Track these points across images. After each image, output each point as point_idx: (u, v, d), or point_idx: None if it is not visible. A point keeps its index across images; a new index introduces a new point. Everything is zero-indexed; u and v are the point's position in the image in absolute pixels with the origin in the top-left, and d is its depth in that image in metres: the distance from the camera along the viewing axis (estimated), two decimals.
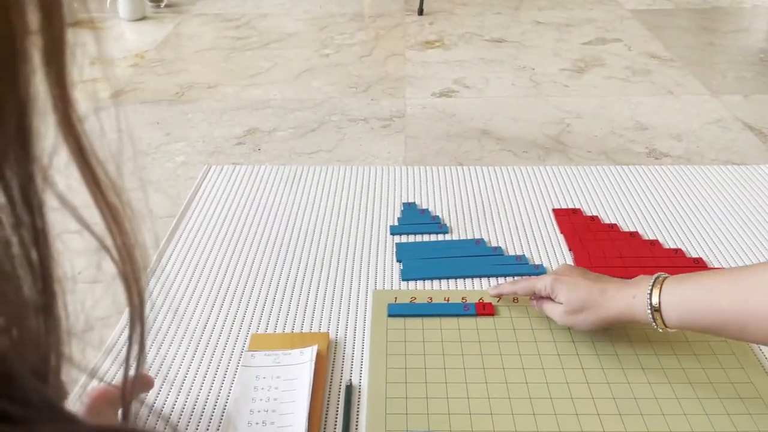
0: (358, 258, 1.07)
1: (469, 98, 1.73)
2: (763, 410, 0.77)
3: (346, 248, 1.09)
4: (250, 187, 1.28)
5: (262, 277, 1.02)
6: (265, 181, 1.30)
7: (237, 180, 1.30)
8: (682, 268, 1.01)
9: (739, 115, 1.59)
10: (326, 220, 1.17)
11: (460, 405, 0.78)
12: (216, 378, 0.83)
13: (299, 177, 1.31)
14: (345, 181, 1.30)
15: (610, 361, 0.84)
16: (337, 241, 1.11)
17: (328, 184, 1.29)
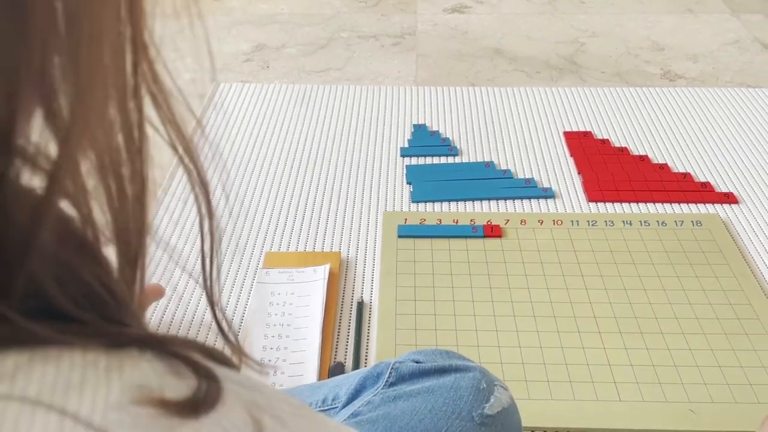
0: (368, 179, 1.08)
1: (482, 14, 1.69)
2: (760, 330, 0.80)
3: (357, 169, 1.10)
4: (260, 106, 1.28)
5: (275, 196, 1.04)
6: (275, 100, 1.29)
7: (247, 98, 1.30)
8: (690, 192, 1.02)
9: (758, 36, 1.54)
10: (337, 140, 1.17)
11: (466, 322, 0.82)
12: (232, 294, 0.86)
13: (309, 96, 1.30)
14: (355, 102, 1.29)
15: (613, 281, 0.87)
16: (348, 162, 1.12)
17: (338, 105, 1.28)
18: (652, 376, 0.75)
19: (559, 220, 0.97)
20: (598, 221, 0.97)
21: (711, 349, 0.78)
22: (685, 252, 0.91)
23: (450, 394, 0.48)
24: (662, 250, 0.92)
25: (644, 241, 0.93)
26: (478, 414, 0.48)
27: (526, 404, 0.69)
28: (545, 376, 0.75)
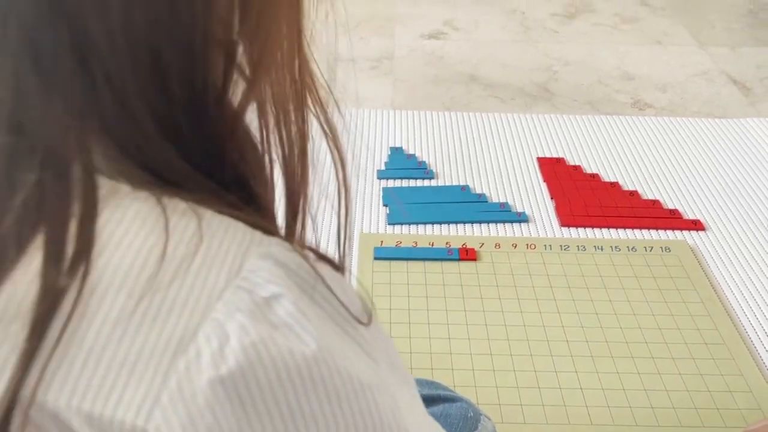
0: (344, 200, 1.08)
1: (458, 41, 1.72)
2: (726, 355, 0.82)
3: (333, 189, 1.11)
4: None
5: None
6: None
7: None
8: (659, 219, 1.05)
9: (724, 68, 1.60)
10: (312, 161, 1.18)
11: (441, 345, 0.82)
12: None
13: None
14: (333, 124, 1.30)
15: (585, 305, 0.88)
16: (324, 183, 1.12)
17: (314, 126, 1.29)
18: (622, 400, 0.76)
19: (533, 244, 0.99)
20: (571, 246, 0.98)
21: (679, 373, 0.79)
22: (654, 277, 0.93)
23: (440, 422, 0.49)
24: (632, 275, 0.93)
25: (615, 266, 0.95)
26: None
27: (499, 428, 0.69)
28: (518, 399, 0.76)
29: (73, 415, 0.24)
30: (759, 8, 1.97)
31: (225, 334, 0.24)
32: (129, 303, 0.24)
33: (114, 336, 0.24)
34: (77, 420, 0.24)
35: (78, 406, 0.24)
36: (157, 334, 0.24)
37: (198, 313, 0.25)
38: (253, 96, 0.30)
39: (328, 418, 0.26)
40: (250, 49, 0.29)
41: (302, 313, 0.26)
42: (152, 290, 0.25)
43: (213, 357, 0.24)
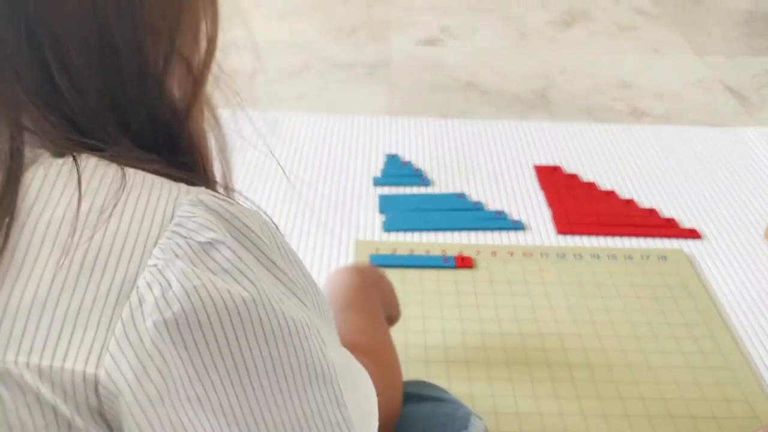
0: (341, 207, 1.08)
1: (454, 48, 1.72)
2: (722, 364, 0.81)
3: (329, 197, 1.10)
4: (232, 132, 1.27)
5: None
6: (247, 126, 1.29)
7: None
8: (656, 227, 1.05)
9: (721, 77, 1.60)
10: (309, 168, 1.18)
11: (437, 352, 0.82)
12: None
13: (282, 123, 1.31)
14: (328, 130, 1.30)
15: (581, 314, 0.88)
16: (320, 190, 1.12)
17: (311, 132, 1.29)
18: (619, 408, 0.75)
19: (529, 252, 0.98)
20: (567, 254, 0.98)
21: (676, 382, 0.79)
22: (651, 286, 0.93)
23: (428, 422, 0.49)
24: (629, 283, 0.93)
25: (611, 274, 0.95)
26: None
27: None
28: (515, 407, 0.75)
29: (23, 370, 0.25)
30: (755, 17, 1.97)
31: (166, 280, 0.26)
32: (62, 257, 0.26)
33: (53, 291, 0.26)
34: (28, 375, 0.25)
35: (26, 362, 0.25)
36: (95, 285, 0.26)
37: (135, 261, 0.27)
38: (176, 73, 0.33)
39: (265, 355, 0.28)
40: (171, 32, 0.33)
41: (239, 258, 0.28)
42: (79, 242, 0.26)
43: (157, 302, 0.26)
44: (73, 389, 0.25)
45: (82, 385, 0.25)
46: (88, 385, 0.25)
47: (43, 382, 0.25)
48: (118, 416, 0.26)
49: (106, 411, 0.26)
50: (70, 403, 0.25)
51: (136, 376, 0.26)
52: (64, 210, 0.27)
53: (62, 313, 0.26)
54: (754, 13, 2.04)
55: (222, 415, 0.27)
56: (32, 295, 0.26)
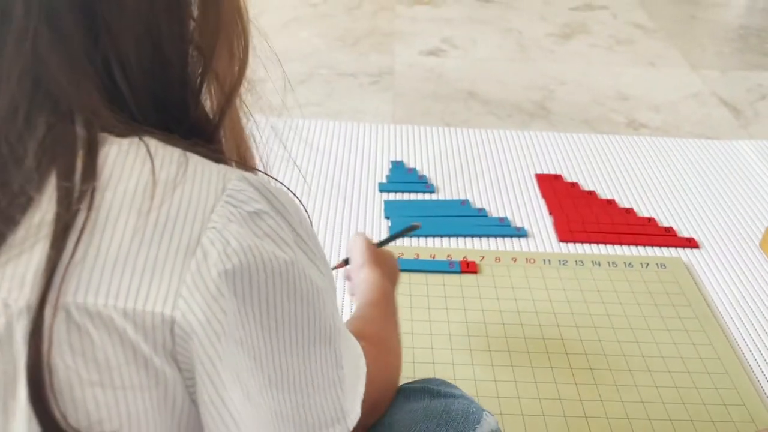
0: (347, 212, 1.10)
1: (456, 58, 1.75)
2: (720, 370, 0.84)
3: (336, 202, 1.13)
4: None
5: None
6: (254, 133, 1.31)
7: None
8: (654, 236, 1.07)
9: (716, 91, 1.64)
10: (316, 173, 1.20)
11: (443, 355, 0.84)
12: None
13: (288, 130, 1.33)
14: (334, 136, 1.32)
15: (583, 319, 0.90)
16: (327, 196, 1.14)
17: (317, 139, 1.31)
18: (620, 412, 0.78)
19: (532, 258, 1.01)
20: (569, 261, 1.01)
21: (675, 386, 0.81)
22: (651, 293, 0.95)
23: (443, 417, 0.51)
24: (629, 290, 0.96)
25: (612, 281, 0.97)
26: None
27: None
28: (519, 409, 0.77)
29: (112, 312, 0.29)
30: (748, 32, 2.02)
31: (225, 239, 0.31)
32: (140, 219, 0.30)
33: (133, 247, 0.30)
34: (116, 316, 0.29)
35: (114, 305, 0.29)
36: (167, 242, 0.30)
37: (198, 224, 0.31)
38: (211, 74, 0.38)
39: (292, 311, 0.34)
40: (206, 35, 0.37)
41: (280, 227, 0.33)
42: (156, 206, 0.31)
43: (219, 256, 0.31)
44: (153, 329, 0.29)
45: (160, 325, 0.29)
46: (165, 325, 0.30)
47: (128, 322, 0.29)
48: (189, 356, 0.30)
49: (178, 352, 0.30)
50: (149, 343, 0.29)
51: (205, 316, 0.30)
52: (138, 180, 0.31)
53: (141, 265, 0.30)
54: (747, 28, 2.08)
55: (253, 358, 0.32)
56: (117, 249, 0.30)
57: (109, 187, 0.31)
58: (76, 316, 0.29)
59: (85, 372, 0.29)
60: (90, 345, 0.29)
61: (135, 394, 0.30)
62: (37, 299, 0.28)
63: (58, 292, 0.28)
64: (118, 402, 0.29)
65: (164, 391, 0.30)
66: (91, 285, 0.29)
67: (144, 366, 0.30)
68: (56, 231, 0.29)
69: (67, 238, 0.29)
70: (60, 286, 0.28)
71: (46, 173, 0.31)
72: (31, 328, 0.28)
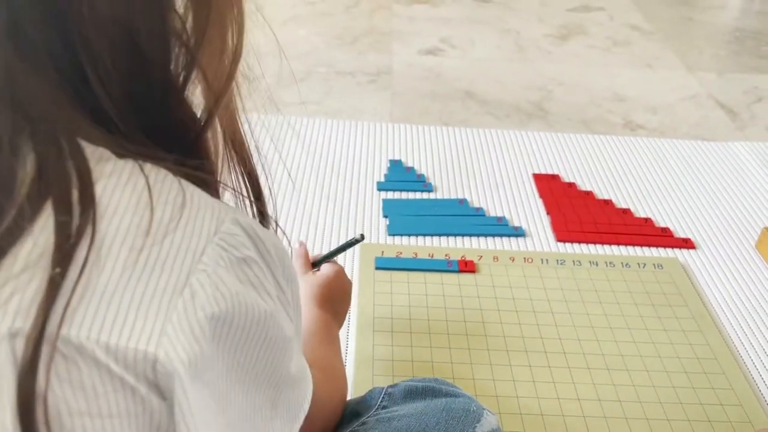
0: (345, 210, 1.10)
1: (454, 58, 1.75)
2: (717, 370, 0.84)
3: (334, 200, 1.12)
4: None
5: None
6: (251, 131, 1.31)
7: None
8: (651, 237, 1.08)
9: (712, 93, 1.65)
10: (314, 171, 1.20)
11: (442, 354, 0.84)
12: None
13: (287, 128, 1.33)
14: (332, 135, 1.32)
15: (581, 319, 0.91)
16: (325, 194, 1.14)
17: (315, 137, 1.31)
18: (618, 411, 0.78)
19: (530, 258, 1.01)
20: (566, 260, 1.01)
21: (673, 386, 0.82)
22: (648, 293, 0.96)
23: (443, 415, 0.51)
24: (626, 290, 0.96)
25: (609, 281, 0.97)
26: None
27: None
28: (518, 408, 0.77)
29: (95, 346, 0.29)
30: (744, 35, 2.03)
31: (214, 283, 0.31)
32: (131, 255, 0.30)
33: (122, 282, 0.30)
34: (99, 350, 0.29)
35: (97, 339, 0.29)
36: (156, 280, 0.30)
37: (188, 264, 0.31)
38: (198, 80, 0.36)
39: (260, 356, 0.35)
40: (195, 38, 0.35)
41: (264, 277, 0.34)
42: (148, 245, 0.31)
43: (208, 299, 0.31)
44: (135, 364, 0.29)
45: (142, 361, 0.29)
46: (147, 362, 0.29)
47: (109, 357, 0.29)
48: (171, 390, 0.30)
49: (160, 385, 0.30)
50: (132, 374, 0.29)
51: (188, 356, 0.30)
52: (133, 216, 0.31)
53: (128, 301, 0.29)
54: (742, 30, 2.09)
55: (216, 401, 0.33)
56: (105, 284, 0.29)
57: (104, 218, 0.30)
58: (62, 346, 0.28)
59: (73, 400, 0.28)
60: (77, 374, 0.29)
61: (122, 422, 0.29)
62: (28, 329, 0.28)
63: (43, 323, 0.28)
64: (105, 430, 0.29)
65: (150, 417, 0.30)
66: (77, 317, 0.29)
67: (131, 394, 0.29)
68: (55, 264, 0.29)
69: (66, 272, 0.29)
70: (51, 317, 0.28)
71: (40, 204, 0.30)
72: (22, 356, 0.27)
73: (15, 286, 0.28)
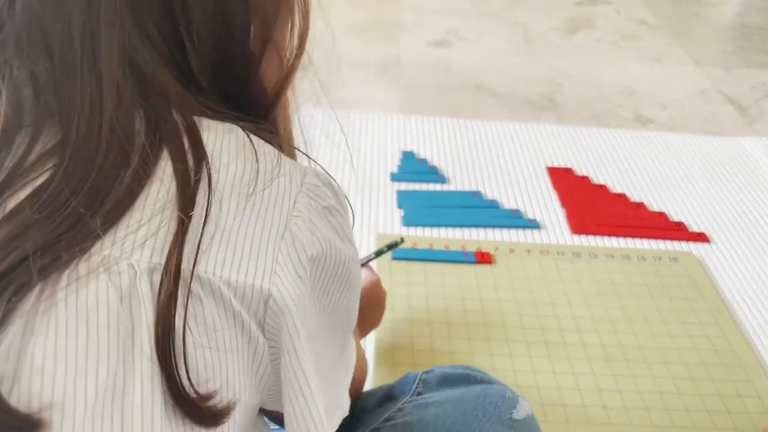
0: (360, 201, 1.10)
1: (462, 50, 1.75)
2: (735, 362, 0.85)
3: (347, 190, 1.12)
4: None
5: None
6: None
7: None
8: (666, 230, 1.08)
9: (720, 88, 1.65)
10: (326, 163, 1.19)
11: (461, 344, 0.84)
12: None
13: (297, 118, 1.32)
14: (345, 126, 1.31)
15: (598, 310, 0.91)
16: (339, 183, 1.13)
17: (326, 128, 1.30)
18: (638, 401, 0.78)
19: (546, 250, 1.01)
20: (582, 253, 1.01)
21: (692, 378, 0.82)
22: (664, 286, 0.96)
23: (479, 401, 0.51)
24: (642, 283, 0.96)
25: (626, 274, 0.98)
26: (507, 418, 0.50)
27: None
28: (539, 398, 0.77)
29: (220, 282, 0.31)
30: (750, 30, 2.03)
31: (309, 228, 0.34)
32: (241, 200, 0.33)
33: (235, 224, 0.32)
34: (222, 285, 0.31)
35: (220, 275, 0.31)
36: (261, 224, 0.33)
37: (285, 211, 0.34)
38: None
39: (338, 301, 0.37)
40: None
41: (345, 224, 0.37)
42: (258, 191, 0.34)
43: (307, 242, 0.34)
44: (251, 300, 0.32)
45: (258, 297, 0.32)
46: (261, 298, 0.32)
47: (231, 291, 0.31)
48: (276, 328, 0.33)
49: (267, 323, 0.33)
50: (246, 310, 0.32)
51: (296, 293, 0.33)
52: (244, 166, 0.34)
53: (241, 242, 0.32)
54: (748, 26, 2.09)
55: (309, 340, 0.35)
56: (223, 226, 0.32)
57: (220, 169, 0.33)
58: (192, 282, 0.30)
59: (197, 334, 0.30)
60: (201, 310, 0.31)
61: (234, 357, 0.32)
62: (164, 264, 0.30)
63: (178, 260, 0.30)
64: (221, 363, 0.31)
65: (253, 355, 0.33)
66: (204, 256, 0.31)
67: (242, 331, 0.32)
68: (181, 206, 0.31)
69: (191, 214, 0.31)
70: (183, 255, 0.30)
71: (159, 152, 0.32)
72: (160, 290, 0.30)
73: (148, 227, 0.30)
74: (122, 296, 0.29)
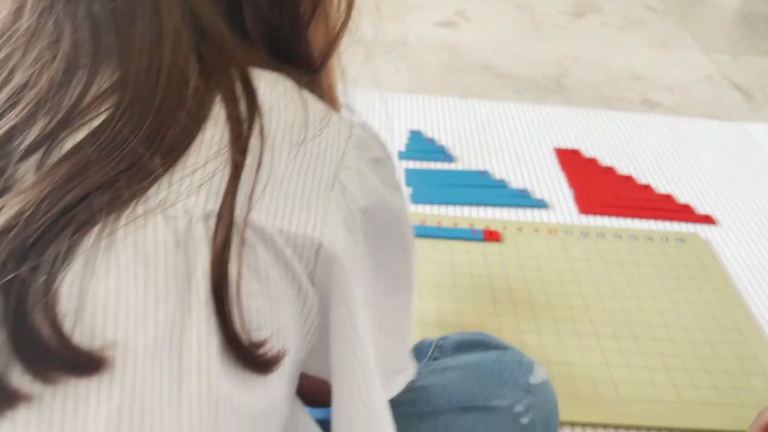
0: None
1: (470, 32, 1.74)
2: (740, 340, 0.85)
3: None
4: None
5: None
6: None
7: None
8: (673, 212, 1.08)
9: (727, 74, 1.65)
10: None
11: (470, 319, 0.84)
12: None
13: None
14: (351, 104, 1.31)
15: (606, 289, 0.91)
16: None
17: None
18: (645, 378, 0.79)
19: (554, 229, 1.01)
20: (590, 233, 1.01)
21: (698, 356, 0.83)
22: (671, 266, 0.96)
23: (496, 366, 0.52)
24: (650, 263, 0.97)
25: (633, 254, 0.98)
26: (524, 382, 0.51)
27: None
28: (549, 373, 0.78)
29: (273, 230, 0.31)
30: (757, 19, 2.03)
31: (359, 179, 0.34)
32: (292, 149, 0.33)
33: (287, 173, 0.32)
34: (276, 234, 0.31)
35: (273, 224, 0.31)
36: (312, 174, 0.33)
37: (335, 161, 0.34)
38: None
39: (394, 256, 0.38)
40: None
41: (393, 176, 0.37)
42: (307, 140, 0.33)
43: (358, 193, 0.34)
44: (302, 250, 0.32)
45: (309, 246, 0.32)
46: (312, 247, 0.32)
47: (283, 240, 0.31)
48: (326, 279, 0.33)
49: (316, 273, 0.32)
50: (297, 260, 0.32)
51: (347, 244, 0.33)
52: (294, 115, 0.34)
53: (293, 191, 0.32)
54: (754, 14, 2.09)
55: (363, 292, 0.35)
56: (275, 174, 0.32)
57: (271, 118, 0.33)
58: (246, 231, 0.30)
59: (250, 282, 0.30)
60: (254, 258, 0.30)
61: (284, 307, 0.32)
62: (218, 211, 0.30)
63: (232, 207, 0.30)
64: (272, 312, 0.31)
65: (302, 306, 0.33)
66: (258, 204, 0.31)
67: (293, 281, 0.32)
68: (235, 152, 0.31)
69: (245, 160, 0.31)
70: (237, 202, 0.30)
71: (212, 98, 0.32)
72: (215, 236, 0.29)
73: (203, 172, 0.30)
74: (179, 240, 0.29)
